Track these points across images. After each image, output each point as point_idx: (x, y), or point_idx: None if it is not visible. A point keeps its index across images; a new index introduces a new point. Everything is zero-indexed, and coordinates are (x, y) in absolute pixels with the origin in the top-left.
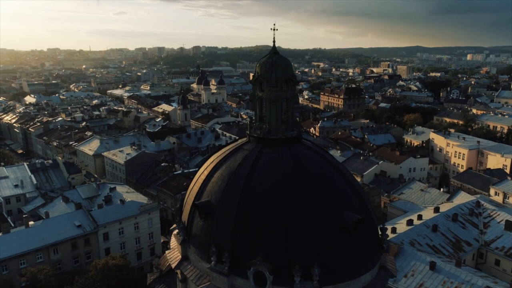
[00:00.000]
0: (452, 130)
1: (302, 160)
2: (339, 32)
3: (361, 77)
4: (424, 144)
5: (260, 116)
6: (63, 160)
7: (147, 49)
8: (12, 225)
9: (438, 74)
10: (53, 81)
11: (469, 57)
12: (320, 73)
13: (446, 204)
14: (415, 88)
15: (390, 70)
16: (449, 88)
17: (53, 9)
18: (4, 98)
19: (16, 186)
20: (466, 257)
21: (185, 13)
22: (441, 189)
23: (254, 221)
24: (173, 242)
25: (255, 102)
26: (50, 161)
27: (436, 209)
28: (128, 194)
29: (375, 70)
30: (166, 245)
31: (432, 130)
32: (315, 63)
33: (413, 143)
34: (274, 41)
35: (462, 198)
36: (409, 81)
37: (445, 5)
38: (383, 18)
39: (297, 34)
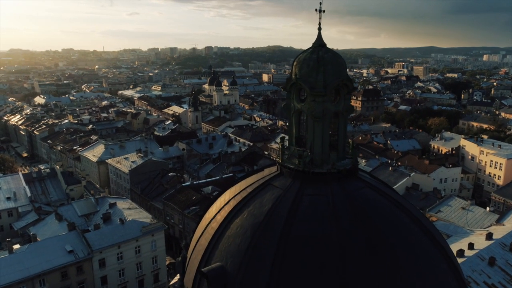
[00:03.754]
0: (485, 136)
1: (365, 208)
2: (351, 33)
3: (376, 78)
4: (454, 152)
5: (297, 137)
6: (61, 169)
7: (159, 50)
8: None
9: (455, 75)
10: (65, 82)
11: (485, 57)
12: None
13: (497, 227)
14: (435, 90)
15: (405, 70)
16: (471, 90)
17: (68, 10)
18: (13, 99)
19: (8, 198)
20: None
21: (197, 14)
22: (487, 208)
23: None
24: None
25: (290, 117)
26: (47, 170)
27: (489, 236)
28: (130, 211)
29: (389, 70)
30: (171, 268)
31: (463, 136)
32: None
33: (441, 150)
34: (319, 28)
35: None
36: (428, 82)
37: (461, 4)
38: (397, 18)
39: (309, 35)
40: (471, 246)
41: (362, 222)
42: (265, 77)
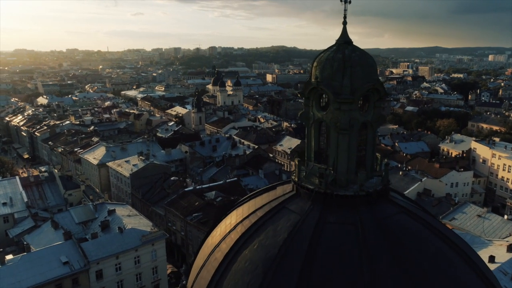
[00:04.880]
0: (497, 139)
1: (403, 241)
2: (355, 33)
3: (381, 78)
4: (464, 154)
5: (317, 152)
6: (60, 173)
7: (163, 50)
8: None
9: (461, 75)
10: (68, 82)
11: (490, 57)
12: None
13: None
14: (442, 90)
15: (410, 71)
16: (478, 91)
17: (73, 10)
18: (16, 99)
19: (4, 204)
20: None
21: (201, 14)
22: (505, 216)
23: None
24: None
25: (308, 127)
26: (45, 174)
27: (510, 247)
28: (130, 218)
29: (394, 71)
30: (173, 277)
31: (474, 138)
32: None
33: (451, 153)
34: (345, 21)
35: None
36: (434, 83)
37: (467, 4)
38: (401, 18)
39: (313, 35)
40: (491, 259)
41: (400, 260)
42: (269, 77)
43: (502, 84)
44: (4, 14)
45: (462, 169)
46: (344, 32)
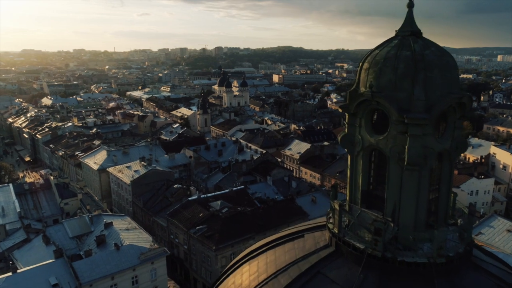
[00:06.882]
0: None
1: None
2: (361, 33)
3: None
4: (483, 160)
5: (366, 192)
6: (56, 180)
7: (169, 50)
8: None
9: (470, 76)
10: (74, 82)
11: (499, 57)
12: (344, 74)
13: None
14: None
15: None
16: (491, 92)
17: (80, 11)
18: (20, 100)
19: None
20: None
21: (207, 14)
22: None
23: None
24: None
25: (352, 156)
26: (41, 181)
27: None
28: (128, 232)
29: None
30: None
31: (493, 143)
32: (339, 64)
33: (469, 158)
34: (411, 2)
35: None
36: None
37: (475, 4)
38: None
39: (319, 35)
40: None
41: None
42: (275, 78)
43: None
44: (13, 15)
45: (482, 176)
46: (410, 18)
